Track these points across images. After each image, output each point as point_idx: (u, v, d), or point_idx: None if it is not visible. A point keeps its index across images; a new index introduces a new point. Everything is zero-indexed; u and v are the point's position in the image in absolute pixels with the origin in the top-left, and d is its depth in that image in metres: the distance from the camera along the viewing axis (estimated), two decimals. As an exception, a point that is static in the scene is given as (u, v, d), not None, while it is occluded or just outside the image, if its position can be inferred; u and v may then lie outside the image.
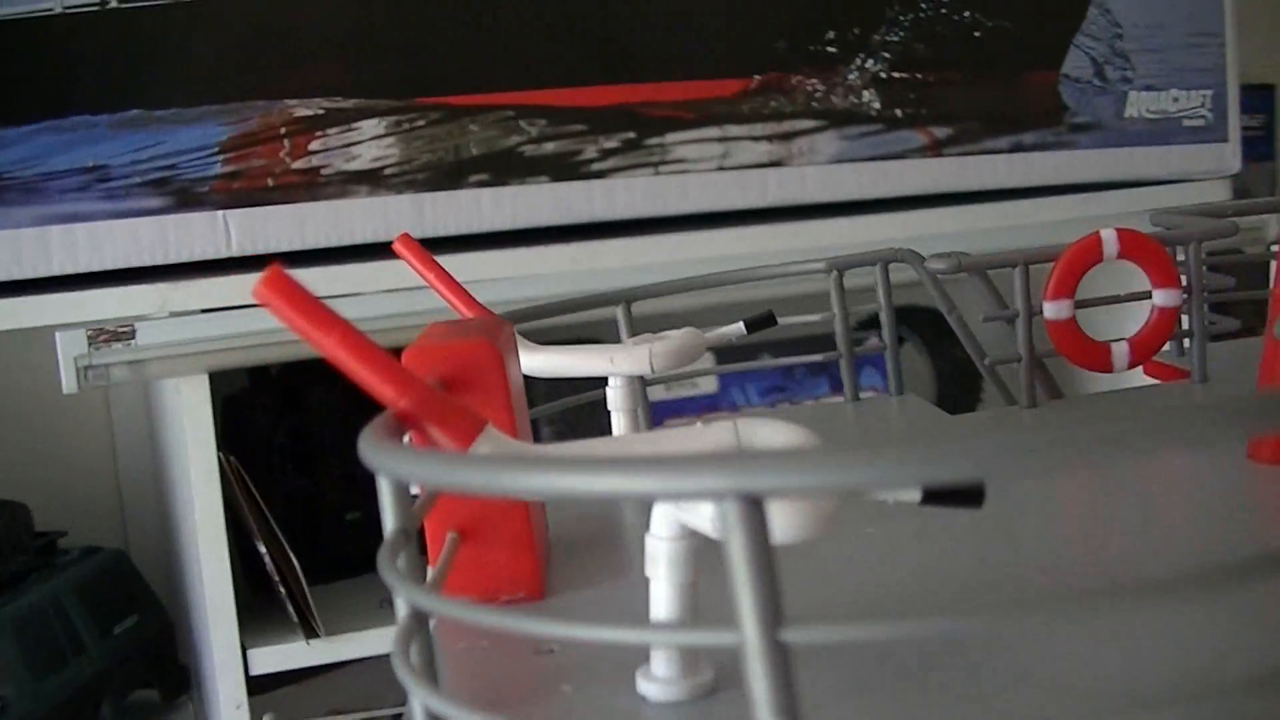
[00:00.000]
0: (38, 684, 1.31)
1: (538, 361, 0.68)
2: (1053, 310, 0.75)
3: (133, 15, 1.22)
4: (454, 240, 1.32)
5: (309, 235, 1.28)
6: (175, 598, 1.55)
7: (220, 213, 1.25)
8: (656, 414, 1.43)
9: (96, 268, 1.23)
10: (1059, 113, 1.48)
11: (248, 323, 1.29)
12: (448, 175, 1.31)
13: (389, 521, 0.40)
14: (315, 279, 1.27)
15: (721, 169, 1.38)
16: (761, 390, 1.58)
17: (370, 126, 1.29)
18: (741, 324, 0.75)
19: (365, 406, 0.66)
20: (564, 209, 1.34)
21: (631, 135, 1.35)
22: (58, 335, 1.26)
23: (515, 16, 1.32)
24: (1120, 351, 0.76)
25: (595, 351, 0.68)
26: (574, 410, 0.79)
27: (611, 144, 1.35)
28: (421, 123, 1.30)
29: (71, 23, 1.21)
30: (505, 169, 1.32)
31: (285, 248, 1.28)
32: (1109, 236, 0.74)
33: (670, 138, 1.36)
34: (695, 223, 1.38)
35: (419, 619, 0.39)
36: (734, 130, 1.38)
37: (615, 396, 0.70)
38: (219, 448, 1.30)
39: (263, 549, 1.34)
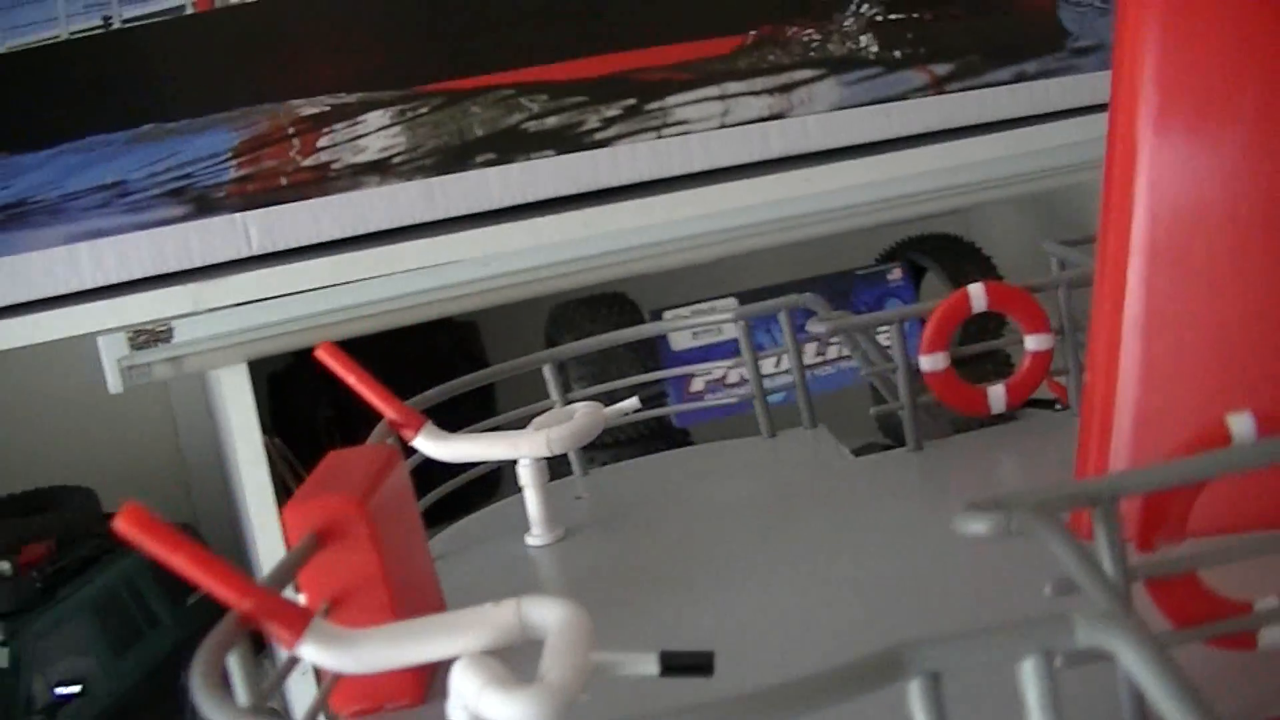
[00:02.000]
0: (119, 661, 1.40)
1: (448, 451, 0.74)
2: (929, 363, 0.80)
3: (136, 34, 1.28)
4: (467, 219, 1.37)
5: (325, 228, 1.34)
6: (243, 565, 1.64)
7: (239, 215, 1.31)
8: (687, 359, 1.48)
9: (126, 278, 1.30)
10: (1060, 38, 1.49)
11: (279, 312, 1.35)
12: (455, 158, 1.36)
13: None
14: (334, 268, 1.33)
15: (723, 126, 1.41)
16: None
17: (375, 118, 1.34)
18: (636, 399, 0.80)
19: (401, 376, 0.73)
20: (571, 179, 1.39)
21: (632, 101, 1.39)
22: (100, 340, 1.33)
23: (508, -3, 1.36)
24: (997, 395, 0.80)
25: (501, 439, 0.75)
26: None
27: (613, 112, 1.39)
28: (425, 110, 1.35)
29: (78, 47, 1.27)
30: (510, 146, 1.37)
31: (303, 242, 1.33)
32: (976, 291, 0.78)
33: (670, 100, 1.40)
34: (703, 179, 1.42)
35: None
36: (733, 87, 1.41)
37: (524, 474, 0.76)
38: (268, 421, 1.38)
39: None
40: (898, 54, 1.44)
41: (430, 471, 0.77)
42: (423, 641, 0.49)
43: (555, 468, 0.79)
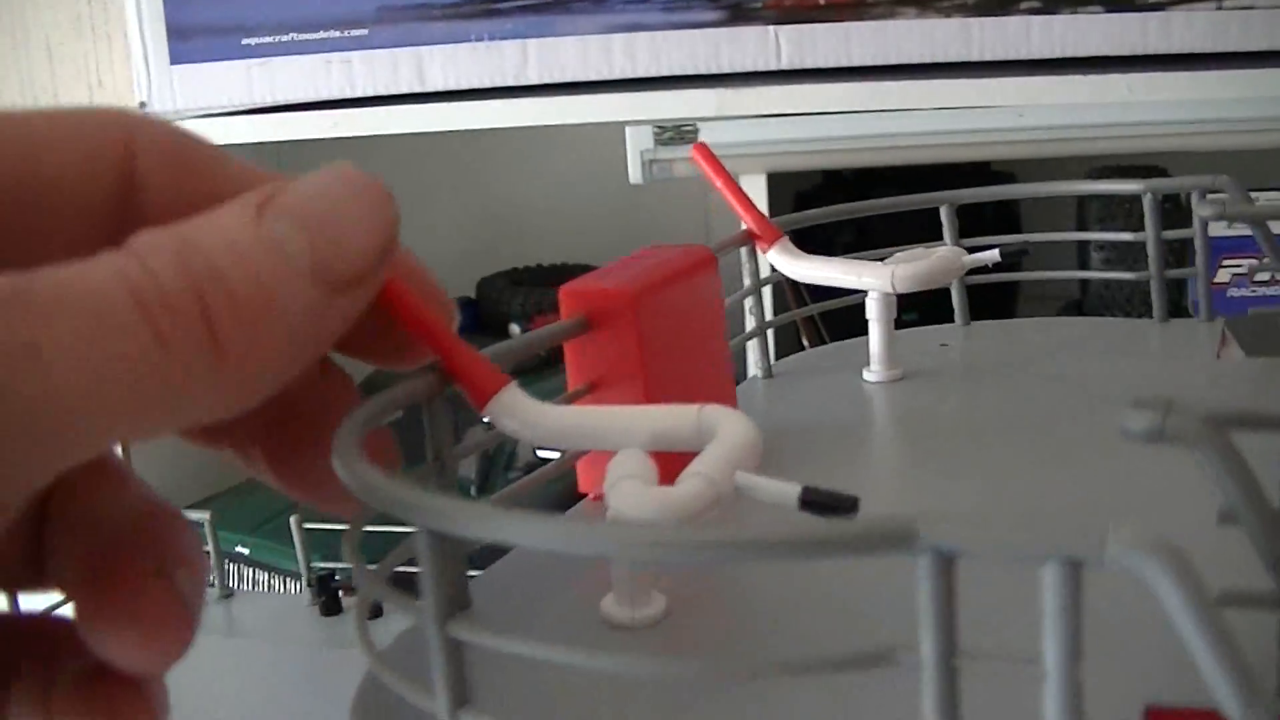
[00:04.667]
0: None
1: (796, 268, 0.74)
2: None
3: None
4: (1003, 65, 1.34)
5: (855, 52, 1.33)
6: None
7: (772, 27, 1.33)
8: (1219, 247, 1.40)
9: (654, 73, 1.34)
10: None
11: (805, 130, 1.37)
12: (998, 1, 1.32)
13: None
14: (861, 94, 1.33)
15: (1293, 6, 1.31)
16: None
17: (923, -51, 1.32)
18: (996, 251, 0.77)
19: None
20: (1116, 40, 1.32)
21: (1199, -36, 1.31)
22: (628, 130, 1.39)
23: None
24: None
25: (850, 266, 0.74)
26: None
27: (1174, -27, 1.31)
28: (976, -53, 1.32)
29: None
30: (1059, -2, 1.32)
31: (832, 64, 1.34)
32: None
33: (1243, -31, 1.31)
34: (1261, 60, 1.32)
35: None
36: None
37: (872, 308, 0.75)
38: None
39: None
40: None
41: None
42: (603, 427, 0.50)
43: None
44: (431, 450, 0.50)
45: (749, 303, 0.79)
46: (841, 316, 0.83)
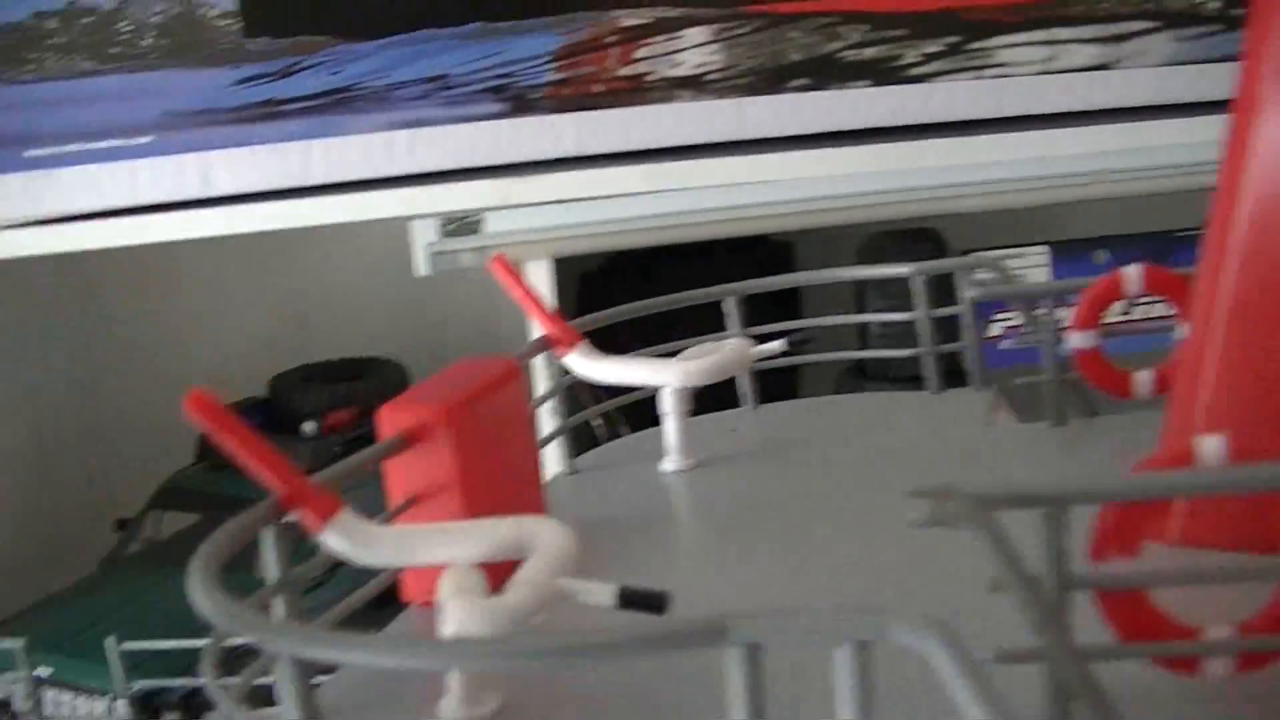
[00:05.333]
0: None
1: (595, 370, 0.78)
2: (1078, 340, 0.78)
3: (472, -64, 1.34)
4: (778, 141, 1.38)
5: (634, 136, 1.37)
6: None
7: (553, 116, 1.36)
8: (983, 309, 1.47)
9: (438, 167, 1.37)
10: None
11: (588, 214, 1.40)
12: (769, 80, 1.37)
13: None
14: (643, 177, 1.37)
15: (1045, 73, 1.38)
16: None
17: (695, 34, 1.36)
18: (782, 342, 0.82)
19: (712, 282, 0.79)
20: (885, 112, 1.38)
21: (955, 39, 1.37)
22: (413, 224, 1.41)
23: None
24: (1144, 380, 0.78)
25: (645, 365, 0.78)
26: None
27: (934, 48, 1.37)
28: (745, 30, 1.37)
29: (417, -55, 1.34)
30: (826, 74, 1.37)
31: (614, 149, 1.37)
32: (1132, 273, 0.76)
33: (994, 41, 1.38)
34: (1020, 124, 1.39)
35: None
36: (1062, 33, 1.38)
37: (665, 402, 0.79)
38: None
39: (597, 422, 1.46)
40: (1237, 12, 1.38)
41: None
42: (433, 545, 0.53)
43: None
44: (277, 576, 0.52)
45: (549, 404, 0.82)
46: (635, 405, 0.87)
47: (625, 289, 1.58)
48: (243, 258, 1.79)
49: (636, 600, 0.49)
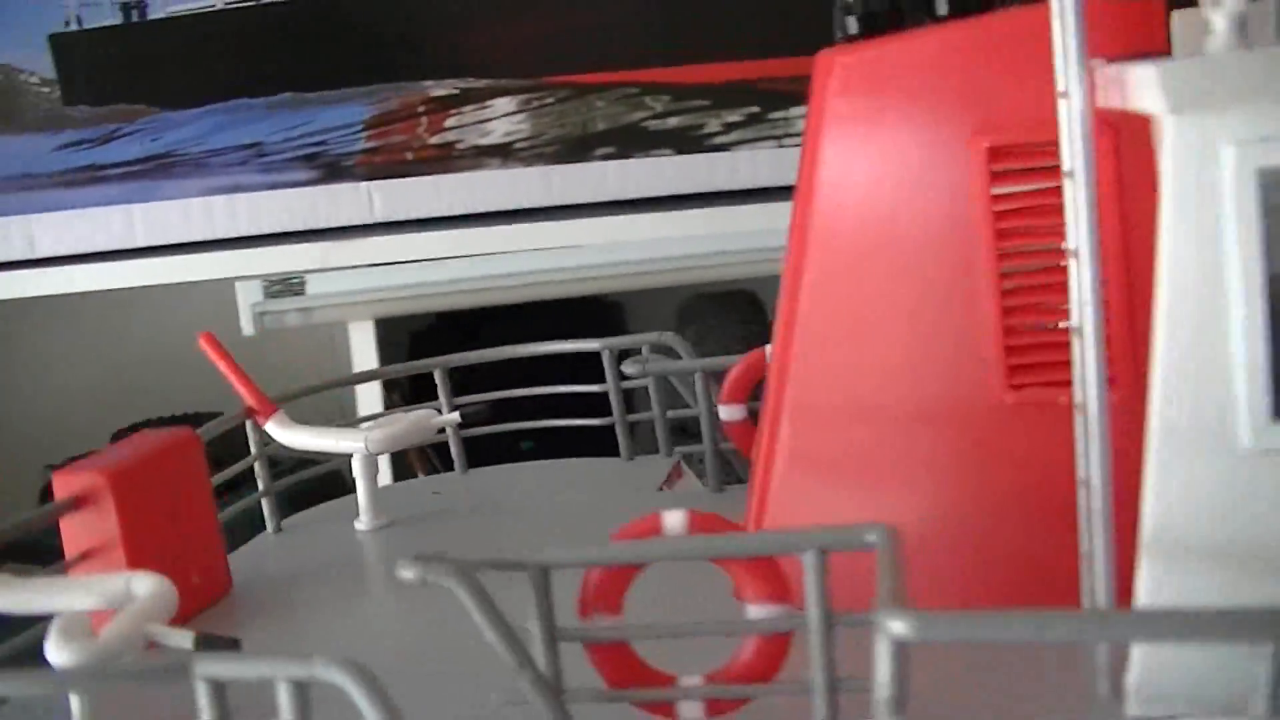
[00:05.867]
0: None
1: (289, 438, 0.84)
2: (726, 413, 0.84)
3: (282, 8, 1.39)
4: (581, 208, 1.44)
5: (444, 203, 1.43)
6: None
7: (364, 184, 1.42)
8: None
9: (256, 231, 1.42)
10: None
11: (408, 276, 1.46)
12: (575, 148, 1.43)
13: None
14: (455, 241, 1.42)
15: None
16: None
17: (502, 104, 1.42)
18: (457, 414, 0.88)
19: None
20: (688, 179, 1.44)
21: (755, 109, 1.43)
22: (237, 286, 1.46)
23: (643, -2, 1.42)
24: None
25: (331, 434, 0.84)
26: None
27: (734, 118, 1.43)
28: (550, 100, 1.42)
29: (231, 16, 1.39)
30: (630, 142, 1.43)
31: (423, 214, 1.43)
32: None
33: (794, 111, 1.43)
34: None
35: None
36: (855, 104, 1.43)
37: (355, 467, 0.84)
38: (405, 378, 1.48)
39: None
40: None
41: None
42: (50, 595, 0.59)
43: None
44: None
45: (257, 466, 0.88)
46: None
47: (454, 348, 1.63)
48: (77, 317, 1.83)
49: (211, 644, 0.56)
